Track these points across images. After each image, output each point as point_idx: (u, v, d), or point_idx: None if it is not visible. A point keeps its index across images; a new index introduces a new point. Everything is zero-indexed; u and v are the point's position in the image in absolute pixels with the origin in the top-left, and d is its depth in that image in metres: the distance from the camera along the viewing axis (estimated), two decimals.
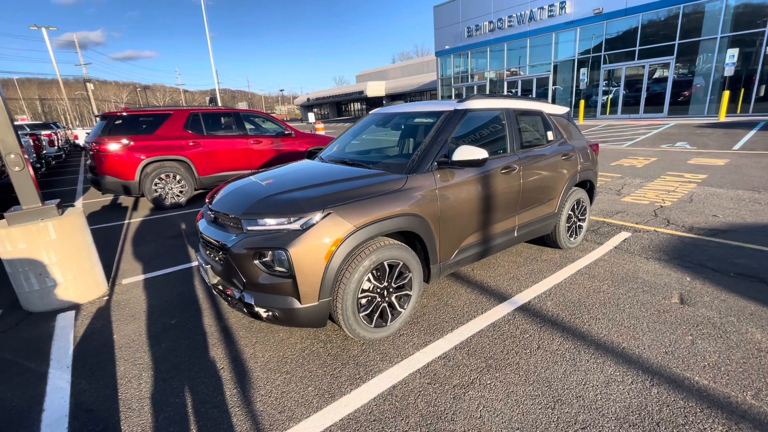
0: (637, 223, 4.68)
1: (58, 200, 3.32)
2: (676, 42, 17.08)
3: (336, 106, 58.61)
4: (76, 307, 3.22)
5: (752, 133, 11.23)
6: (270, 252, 2.19)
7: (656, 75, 18.38)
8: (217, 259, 2.49)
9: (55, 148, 14.01)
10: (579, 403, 1.96)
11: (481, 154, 2.65)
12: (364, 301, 2.42)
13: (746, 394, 1.97)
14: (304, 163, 3.42)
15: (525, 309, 2.90)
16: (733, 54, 15.28)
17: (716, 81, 16.47)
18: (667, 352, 2.33)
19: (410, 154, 3.06)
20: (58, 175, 12.31)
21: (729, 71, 15.50)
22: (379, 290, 2.48)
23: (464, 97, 3.21)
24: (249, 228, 2.28)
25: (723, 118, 14.85)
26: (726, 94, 14.85)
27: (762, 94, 15.71)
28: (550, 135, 3.75)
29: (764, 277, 3.16)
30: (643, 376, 2.13)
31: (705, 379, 2.09)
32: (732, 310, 2.73)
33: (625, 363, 2.25)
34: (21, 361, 2.54)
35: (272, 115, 8.52)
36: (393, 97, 43.25)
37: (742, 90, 15.79)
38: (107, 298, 3.40)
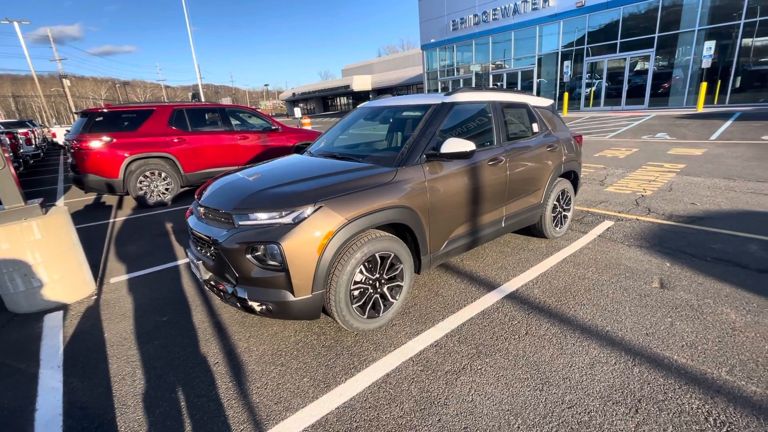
0: (619, 212, 4.82)
1: (41, 199, 3.26)
2: (656, 35, 17.43)
3: (322, 101, 58.10)
4: (64, 308, 3.18)
5: (728, 123, 11.59)
6: (262, 246, 2.20)
7: (637, 67, 18.75)
8: (208, 254, 2.49)
9: (33, 146, 13.58)
10: (565, 384, 2.05)
11: (468, 146, 2.70)
12: (356, 292, 2.46)
13: (721, 371, 2.08)
14: (293, 158, 3.42)
15: (513, 297, 2.98)
16: (710, 46, 15.67)
17: (694, 73, 16.89)
18: (648, 333, 2.43)
19: (399, 147, 3.09)
20: (38, 175, 11.96)
21: (706, 63, 15.90)
22: (371, 282, 2.52)
23: (451, 90, 3.25)
24: (240, 223, 2.29)
25: (701, 109, 15.26)
26: (704, 85, 15.24)
27: (738, 85, 16.18)
28: (535, 127, 3.83)
29: (738, 261, 3.31)
30: (626, 357, 2.23)
31: (683, 357, 2.20)
32: (708, 293, 2.86)
33: (609, 345, 2.34)
34: (10, 363, 2.51)
35: (258, 110, 8.43)
36: (379, 91, 43.08)
37: (719, 82, 16.23)
38: (96, 297, 3.36)
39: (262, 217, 2.25)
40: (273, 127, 7.76)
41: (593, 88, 20.36)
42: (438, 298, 3.02)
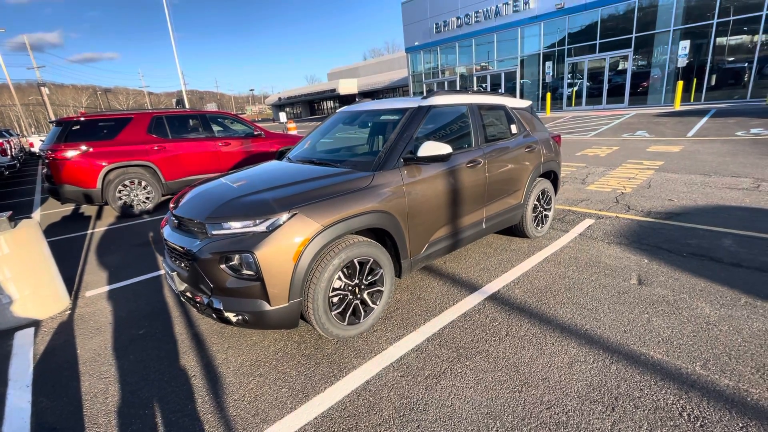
0: (600, 210, 4.89)
1: (9, 212, 3.15)
2: (633, 35, 17.84)
3: (308, 105, 57.86)
4: (35, 324, 3.08)
5: (704, 120, 11.90)
6: (236, 255, 2.16)
7: (618, 67, 19.15)
8: (183, 265, 2.44)
9: (8, 157, 13.20)
10: (544, 385, 2.05)
11: (445, 149, 2.71)
12: (335, 299, 2.43)
13: (695, 365, 2.11)
14: (271, 164, 3.39)
15: (494, 298, 2.98)
16: (685, 45, 16.10)
17: (671, 72, 17.33)
18: (626, 330, 2.46)
19: (377, 151, 3.09)
20: (14, 186, 11.63)
21: (682, 62, 16.33)
22: (350, 288, 2.50)
23: (428, 93, 3.25)
24: (214, 232, 2.24)
25: (678, 107, 15.65)
26: (680, 84, 15.65)
27: (713, 83, 16.65)
28: (513, 128, 3.86)
29: (713, 256, 3.38)
30: (604, 355, 2.24)
31: (659, 353, 2.23)
32: (684, 288, 2.91)
33: (588, 344, 2.36)
34: None
35: (241, 116, 8.34)
36: (365, 95, 43.13)
37: (695, 80, 16.68)
38: (70, 312, 3.26)
39: (235, 226, 2.21)
40: (256, 133, 7.69)
41: (575, 88, 20.73)
42: (420, 301, 3.01)
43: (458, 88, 25.05)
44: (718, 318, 2.52)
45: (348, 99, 45.23)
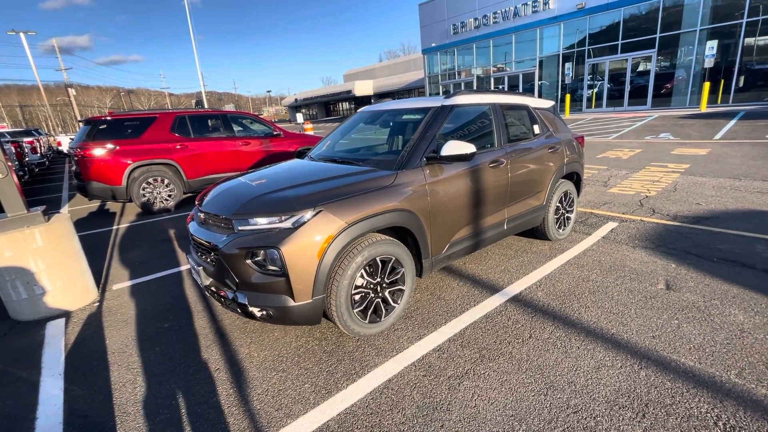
0: (623, 213, 4.77)
1: (43, 207, 3.27)
2: (657, 35, 17.40)
3: (324, 106, 58.37)
4: (66, 315, 3.18)
5: (732, 122, 11.50)
6: (262, 251, 2.19)
7: (639, 68, 18.71)
8: (208, 260, 2.48)
9: (38, 155, 13.72)
10: (570, 388, 2.01)
11: (468, 148, 2.69)
12: (357, 297, 2.44)
13: (730, 373, 2.04)
14: (294, 163, 3.42)
15: (516, 300, 2.94)
16: (712, 46, 15.62)
17: (697, 73, 16.82)
18: (655, 336, 2.39)
19: (399, 150, 3.08)
20: (43, 183, 12.07)
21: (709, 63, 15.85)
22: (372, 286, 2.50)
23: (451, 92, 3.24)
24: (240, 228, 2.28)
25: (704, 108, 15.18)
26: (706, 85, 15.17)
27: (741, 84, 16.09)
28: (536, 128, 3.80)
29: (746, 261, 3.26)
30: (632, 360, 2.19)
31: (691, 360, 2.15)
32: (716, 294, 2.82)
33: (615, 348, 2.30)
34: (11, 371, 2.51)
35: (260, 116, 8.47)
36: (381, 96, 43.22)
37: (722, 81, 16.15)
38: (98, 304, 3.36)
39: (261, 222, 2.24)
40: (275, 133, 7.80)
41: (595, 90, 20.33)
42: (440, 301, 2.99)
43: (473, 88, 24.89)
44: (753, 326, 2.42)
45: (364, 100, 45.42)
